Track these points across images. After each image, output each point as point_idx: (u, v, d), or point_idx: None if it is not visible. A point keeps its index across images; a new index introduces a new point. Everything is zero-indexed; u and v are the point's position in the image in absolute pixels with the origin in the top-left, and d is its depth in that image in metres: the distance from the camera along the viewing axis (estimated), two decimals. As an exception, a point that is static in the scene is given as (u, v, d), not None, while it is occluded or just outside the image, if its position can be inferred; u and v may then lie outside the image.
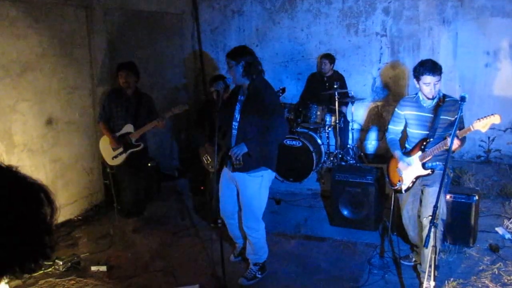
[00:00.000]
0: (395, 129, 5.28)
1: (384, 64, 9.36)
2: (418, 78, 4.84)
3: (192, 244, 6.37)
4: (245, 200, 5.16)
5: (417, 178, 5.06)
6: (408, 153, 5.12)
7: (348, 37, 9.51)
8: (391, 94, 9.34)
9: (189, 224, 7.07)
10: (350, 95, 8.68)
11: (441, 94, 4.91)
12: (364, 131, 9.70)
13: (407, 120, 5.14)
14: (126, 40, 8.37)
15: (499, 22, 8.40)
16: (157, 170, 8.32)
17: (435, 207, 4.13)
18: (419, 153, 4.96)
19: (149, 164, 7.68)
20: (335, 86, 8.31)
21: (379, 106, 9.52)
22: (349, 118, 8.96)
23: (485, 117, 4.40)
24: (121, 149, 6.70)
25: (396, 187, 5.27)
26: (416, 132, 5.06)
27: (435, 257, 4.13)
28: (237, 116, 5.07)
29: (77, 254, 5.99)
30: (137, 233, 6.76)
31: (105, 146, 6.79)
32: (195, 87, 10.39)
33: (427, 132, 4.93)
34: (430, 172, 4.94)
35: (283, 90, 7.91)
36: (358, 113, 9.47)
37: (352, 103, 8.72)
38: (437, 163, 4.97)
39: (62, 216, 7.04)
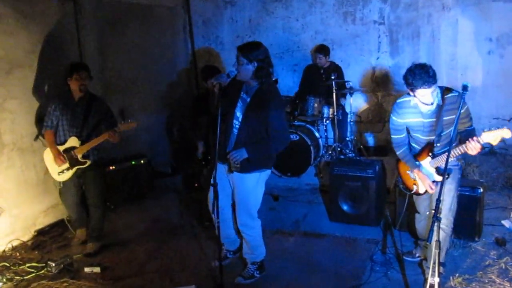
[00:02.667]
0: (400, 137, 5.00)
1: (383, 53, 9.35)
2: (411, 89, 4.54)
3: (188, 244, 6.36)
4: (241, 197, 5.12)
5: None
6: (415, 156, 4.96)
7: (345, 26, 9.48)
8: (391, 83, 9.33)
9: (184, 223, 7.06)
10: (348, 86, 8.65)
11: (441, 92, 4.65)
12: (363, 123, 9.69)
13: (409, 126, 4.92)
14: (116, 35, 8.34)
15: (501, 7, 8.34)
16: (148, 167, 8.31)
17: (438, 200, 4.10)
18: (428, 158, 4.82)
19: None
20: (333, 78, 8.29)
21: (379, 97, 9.51)
22: (347, 110, 8.94)
23: (493, 129, 4.23)
24: (66, 165, 6.16)
25: (413, 191, 5.12)
26: (420, 137, 4.89)
27: (438, 252, 4.11)
28: (239, 115, 4.98)
29: (70, 255, 5.96)
30: (130, 233, 6.75)
31: (50, 159, 6.22)
32: (187, 82, 10.37)
33: (433, 137, 4.77)
34: (447, 177, 4.62)
35: (275, 81, 7.82)
36: (357, 105, 9.47)
37: (351, 94, 8.68)
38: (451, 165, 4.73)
39: (53, 216, 7.04)
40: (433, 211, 4.10)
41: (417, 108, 4.71)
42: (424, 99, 4.51)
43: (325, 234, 6.43)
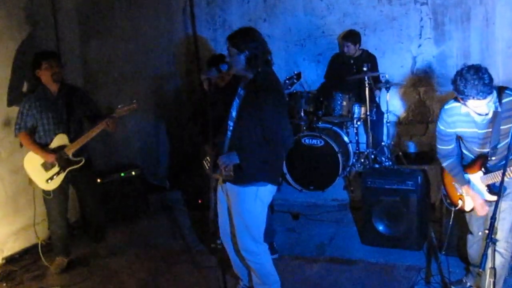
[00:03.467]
0: (447, 149, 4.94)
1: (425, 40, 9.32)
2: (461, 99, 4.40)
3: (188, 272, 6.40)
4: (238, 217, 5.11)
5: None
6: (465, 168, 4.93)
7: (380, 6, 9.48)
8: (436, 76, 9.31)
9: (184, 247, 7.11)
10: (383, 79, 8.64)
11: (497, 95, 4.44)
12: (402, 124, 9.69)
13: (461, 136, 4.85)
14: (101, 19, 8.41)
15: None
16: (142, 179, 8.35)
17: (493, 218, 4.06)
18: (480, 173, 4.78)
19: (122, 174, 7.73)
20: (365, 69, 8.30)
21: (421, 93, 9.50)
22: (383, 109, 8.97)
23: None
24: (56, 168, 6.35)
25: (457, 208, 5.10)
26: (472, 149, 4.86)
27: (494, 281, 4.10)
28: (234, 115, 5.05)
29: (45, 288, 6.04)
30: (120, 259, 6.79)
31: (34, 166, 6.34)
32: (187, 74, 10.42)
33: (487, 150, 4.70)
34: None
35: (298, 76, 7.85)
36: (394, 102, 9.46)
37: (387, 89, 8.67)
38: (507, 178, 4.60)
39: (25, 240, 7.08)
40: (487, 231, 4.07)
41: (470, 116, 4.55)
42: (477, 109, 4.39)
43: (356, 260, 6.44)
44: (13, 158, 6.90)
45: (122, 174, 8.16)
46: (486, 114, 4.42)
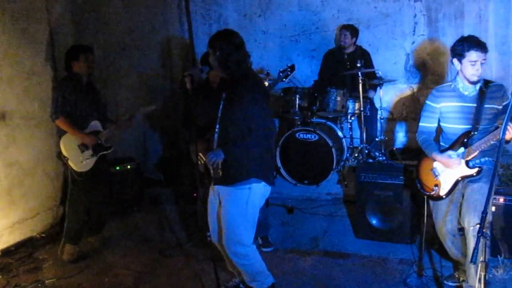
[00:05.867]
0: (428, 126, 5.25)
1: (419, 36, 9.33)
2: (461, 56, 4.81)
3: (183, 265, 6.40)
4: (226, 218, 5.01)
5: (459, 179, 5.02)
6: (445, 151, 5.10)
7: (374, 3, 9.48)
8: (429, 73, 9.28)
9: (178, 241, 7.11)
10: (377, 75, 8.65)
11: (483, 81, 4.93)
12: (396, 120, 9.70)
13: (443, 114, 5.11)
14: (95, 13, 8.38)
15: None
16: (137, 173, 8.34)
17: (484, 213, 4.04)
18: (461, 149, 4.95)
19: (118, 168, 7.76)
20: (359, 65, 8.29)
21: (415, 89, 9.50)
22: (377, 105, 8.98)
23: None
24: (90, 151, 6.60)
25: (432, 193, 5.21)
26: (455, 127, 5.04)
27: (485, 275, 4.10)
28: (219, 114, 5.04)
29: (42, 280, 6.03)
30: (115, 252, 6.79)
31: (71, 147, 6.53)
32: (182, 69, 10.39)
33: (469, 126, 4.91)
34: (475, 173, 4.89)
35: (292, 67, 7.74)
36: (388, 98, 9.47)
37: (381, 85, 8.70)
38: (486, 158, 4.97)
39: (21, 233, 7.07)
40: (478, 226, 4.04)
41: (457, 91, 4.99)
42: (473, 69, 4.77)
43: (350, 253, 6.46)
44: (8, 151, 6.89)
45: (118, 168, 8.16)
46: (476, 83, 4.88)
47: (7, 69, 6.95)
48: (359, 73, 8.29)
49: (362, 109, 8.43)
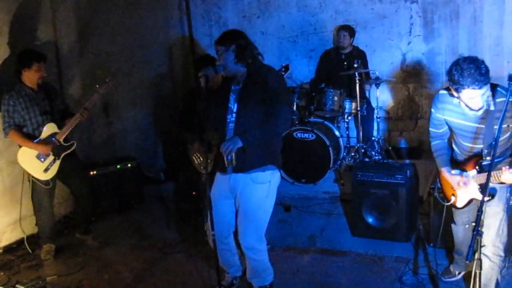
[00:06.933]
0: (438, 132, 4.88)
1: (415, 37, 9.34)
2: (456, 90, 4.26)
3: (182, 263, 6.40)
4: (249, 213, 5.02)
5: (472, 199, 4.79)
6: (459, 165, 4.83)
7: (371, 4, 9.50)
8: (425, 73, 9.31)
9: (178, 238, 7.12)
10: (374, 75, 8.69)
11: (491, 92, 4.34)
12: (392, 119, 9.71)
13: (449, 126, 4.78)
14: (99, 14, 8.38)
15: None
16: (136, 171, 8.34)
17: (479, 211, 3.98)
18: (474, 172, 4.64)
19: (118, 166, 7.75)
20: (356, 65, 8.33)
21: (411, 89, 9.52)
22: (373, 104, 8.97)
23: None
24: (51, 157, 6.45)
25: (450, 202, 5.02)
26: (462, 143, 4.76)
27: (479, 273, 4.09)
28: (233, 107, 5.01)
29: (43, 277, 6.02)
30: (115, 250, 6.79)
31: (29, 159, 6.41)
32: (183, 69, 10.40)
33: (479, 146, 4.61)
34: (490, 198, 4.46)
35: (286, 68, 7.68)
36: (384, 98, 9.50)
37: (377, 85, 8.69)
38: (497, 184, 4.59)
39: (22, 231, 7.06)
40: (474, 224, 3.97)
41: (460, 108, 4.42)
42: (471, 102, 4.24)
43: (346, 251, 6.46)
44: (11, 149, 6.87)
45: (118, 166, 8.16)
46: (478, 110, 4.29)
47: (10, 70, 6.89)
48: (356, 73, 8.33)
49: (359, 108, 8.45)
